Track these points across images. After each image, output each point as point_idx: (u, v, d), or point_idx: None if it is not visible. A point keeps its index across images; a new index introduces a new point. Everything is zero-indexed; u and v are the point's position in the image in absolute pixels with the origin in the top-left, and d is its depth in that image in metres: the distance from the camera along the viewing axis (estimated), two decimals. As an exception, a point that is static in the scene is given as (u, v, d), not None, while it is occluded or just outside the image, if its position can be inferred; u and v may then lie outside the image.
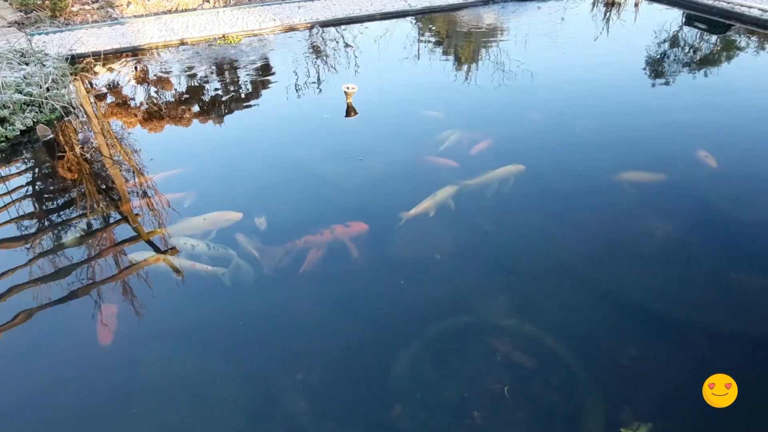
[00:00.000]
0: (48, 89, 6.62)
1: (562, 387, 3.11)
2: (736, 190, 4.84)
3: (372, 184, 5.15)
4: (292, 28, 9.60)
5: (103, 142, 6.14)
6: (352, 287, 3.98)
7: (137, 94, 7.44)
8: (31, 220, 4.80)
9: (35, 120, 6.26)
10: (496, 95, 7.03)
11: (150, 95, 7.43)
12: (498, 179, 4.97)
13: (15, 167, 5.68)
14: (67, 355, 3.51)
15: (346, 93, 6.54)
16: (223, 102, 7.14)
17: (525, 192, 4.92)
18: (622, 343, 3.41)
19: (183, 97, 7.30)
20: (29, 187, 5.33)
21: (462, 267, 4.11)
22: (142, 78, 7.89)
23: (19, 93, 6.32)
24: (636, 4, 11.15)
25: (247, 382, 3.26)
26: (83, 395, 3.22)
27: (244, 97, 7.28)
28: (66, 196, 5.17)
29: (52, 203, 5.11)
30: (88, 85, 7.71)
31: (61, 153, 5.80)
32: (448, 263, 4.13)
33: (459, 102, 6.95)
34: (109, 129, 6.51)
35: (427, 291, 3.88)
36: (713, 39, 9.06)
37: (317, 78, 7.75)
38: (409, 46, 9.01)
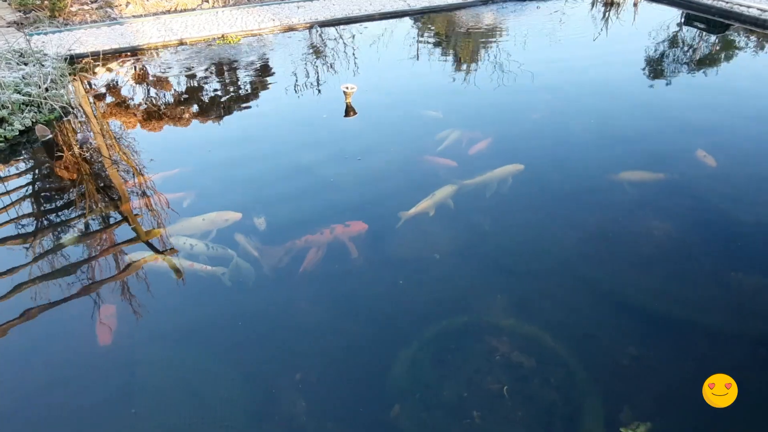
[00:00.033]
0: (47, 89, 6.62)
1: (562, 387, 3.11)
2: (735, 190, 4.85)
3: (371, 183, 5.15)
4: (291, 28, 9.60)
5: (102, 142, 6.13)
6: (352, 287, 3.98)
7: (136, 95, 7.43)
8: (29, 220, 4.80)
9: (34, 120, 6.26)
10: (495, 95, 7.03)
11: (149, 95, 7.43)
12: (497, 179, 4.97)
13: (14, 168, 5.67)
14: (66, 355, 3.50)
15: (345, 93, 6.54)
16: (222, 102, 7.13)
17: (524, 191, 4.92)
18: (622, 342, 3.41)
19: (182, 97, 7.30)
20: (28, 188, 5.32)
21: (461, 266, 4.11)
22: (141, 78, 7.88)
23: (17, 93, 6.32)
24: (635, 4, 11.16)
25: (247, 382, 3.26)
26: (82, 395, 3.22)
27: (243, 97, 7.27)
28: (65, 197, 5.16)
29: (51, 203, 5.11)
30: (87, 85, 7.70)
31: (59, 153, 5.79)
32: (447, 263, 4.13)
33: (458, 102, 6.95)
34: (108, 129, 6.50)
35: (427, 291, 3.88)
36: (712, 39, 9.06)
37: (316, 78, 7.75)
38: (408, 46, 9.01)
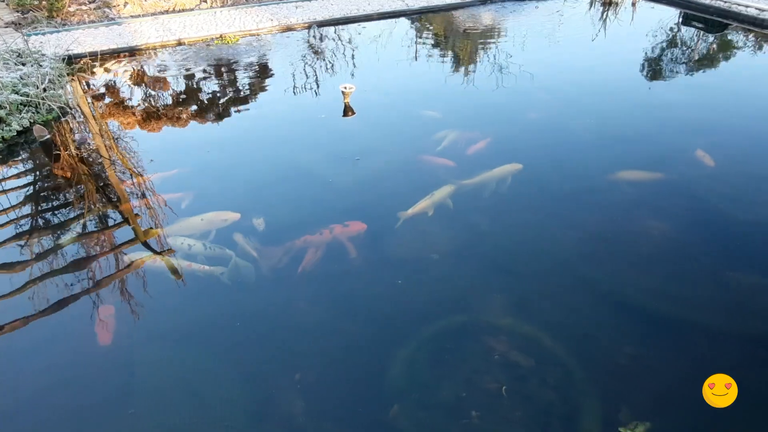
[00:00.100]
0: (45, 90, 6.61)
1: (560, 386, 3.11)
2: (734, 190, 4.85)
3: (370, 183, 5.15)
4: (289, 28, 9.59)
5: (101, 143, 6.12)
6: (351, 287, 3.98)
7: (134, 95, 7.42)
8: (27, 220, 4.79)
9: (32, 120, 6.24)
10: (493, 95, 7.03)
11: (147, 96, 7.42)
12: (495, 178, 4.97)
13: (12, 168, 5.66)
14: (65, 355, 3.50)
15: (343, 93, 6.53)
16: (221, 102, 7.13)
17: (523, 191, 4.92)
18: (620, 342, 3.41)
19: (180, 98, 7.29)
20: (26, 188, 5.31)
21: (460, 266, 4.11)
22: (139, 78, 7.87)
23: (15, 93, 6.30)
24: (633, 4, 11.16)
25: (246, 382, 3.25)
26: (82, 396, 3.22)
27: (241, 97, 7.27)
28: (63, 197, 5.15)
29: (49, 204, 5.10)
30: (85, 85, 7.68)
31: (57, 153, 5.78)
32: (446, 263, 4.13)
33: (456, 101, 6.95)
34: (106, 129, 6.49)
35: (426, 291, 3.88)
36: (710, 38, 9.07)
37: (315, 78, 7.74)
38: (407, 46, 9.01)
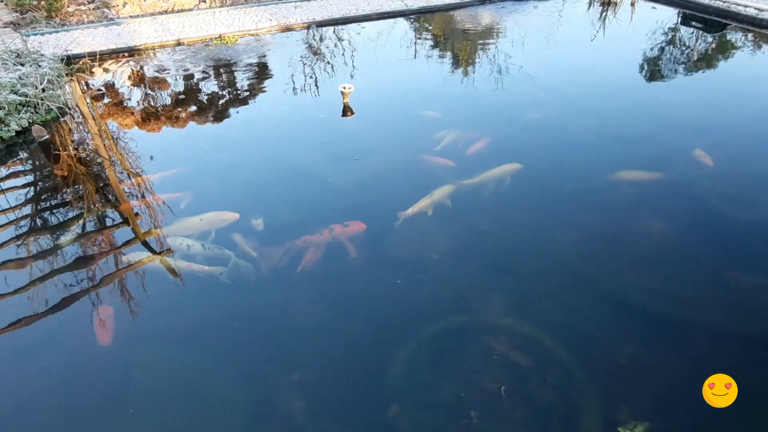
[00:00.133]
0: (43, 90, 6.60)
1: (560, 386, 3.11)
2: (733, 189, 4.86)
3: (369, 183, 5.15)
4: (288, 28, 9.59)
5: (100, 143, 6.12)
6: (351, 287, 3.98)
7: (133, 95, 7.42)
8: (26, 221, 4.78)
9: (31, 121, 6.23)
10: (492, 95, 7.03)
11: (146, 96, 7.41)
12: (495, 178, 4.97)
13: (10, 168, 5.65)
14: (64, 356, 3.49)
15: (342, 93, 6.53)
16: (220, 102, 7.12)
17: (522, 191, 4.92)
18: (620, 342, 3.41)
19: (179, 98, 7.28)
20: (25, 189, 5.30)
21: (459, 266, 4.11)
22: (138, 78, 7.86)
23: (14, 94, 6.30)
24: (632, 4, 11.17)
25: (246, 383, 3.25)
26: (81, 396, 3.22)
27: (240, 97, 7.26)
28: (62, 197, 5.15)
29: (48, 204, 5.09)
30: (84, 85, 7.68)
31: (56, 154, 5.78)
32: (445, 263, 4.13)
33: (456, 101, 6.95)
34: (105, 129, 6.49)
35: (425, 291, 3.88)
36: (709, 38, 9.08)
37: (314, 78, 7.74)
38: (406, 45, 9.01)
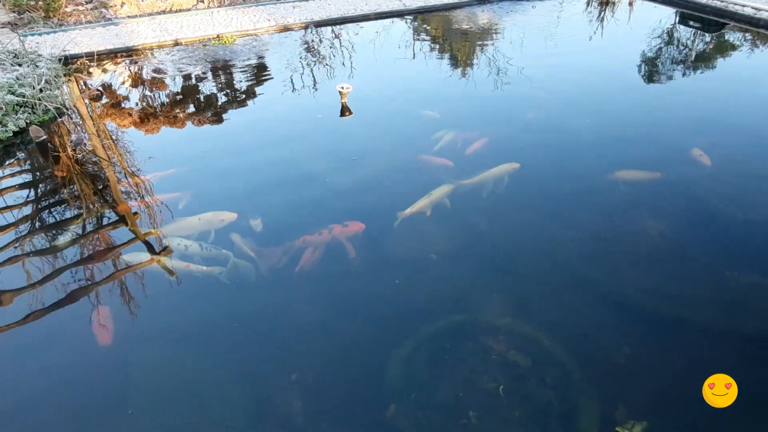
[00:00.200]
0: (41, 90, 6.58)
1: (558, 386, 3.11)
2: (731, 189, 4.86)
3: (368, 183, 5.14)
4: (286, 28, 9.58)
5: (97, 143, 6.10)
6: (350, 287, 3.98)
7: (131, 95, 7.40)
8: (24, 221, 4.77)
9: (28, 121, 6.22)
10: (491, 94, 7.03)
11: (144, 96, 7.40)
12: (493, 178, 4.97)
13: (8, 169, 5.64)
14: (63, 356, 3.49)
15: (340, 93, 6.52)
16: (217, 102, 7.11)
17: (521, 191, 4.92)
18: (618, 341, 3.41)
19: (177, 98, 7.27)
20: (22, 189, 5.29)
21: (458, 266, 4.11)
22: (136, 79, 7.85)
23: (11, 94, 6.28)
24: (630, 3, 11.18)
25: (245, 382, 3.25)
26: (81, 396, 3.21)
27: (238, 97, 7.25)
28: (59, 198, 5.14)
29: (45, 205, 5.08)
30: (82, 85, 7.66)
31: (54, 154, 5.77)
32: (444, 263, 4.13)
33: (454, 101, 6.95)
34: (102, 130, 6.47)
35: (424, 290, 3.88)
36: (707, 38, 9.09)
37: (312, 78, 7.73)
38: (404, 45, 9.01)
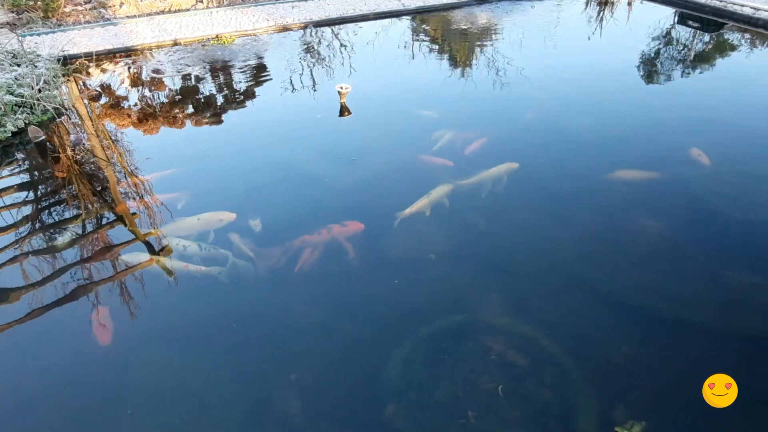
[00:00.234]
0: (40, 90, 6.58)
1: (557, 386, 3.11)
2: (729, 188, 4.87)
3: (367, 183, 5.14)
4: (285, 28, 9.58)
5: (96, 144, 6.10)
6: (349, 287, 3.98)
7: (130, 95, 7.40)
8: (22, 222, 4.77)
9: (27, 122, 6.21)
10: (490, 94, 7.03)
11: (143, 96, 7.39)
12: (492, 178, 4.97)
13: (6, 169, 5.63)
14: (62, 356, 3.48)
15: (339, 93, 6.52)
16: (216, 102, 7.11)
17: (520, 191, 4.92)
18: (617, 341, 3.41)
19: (176, 98, 7.27)
20: (21, 190, 5.29)
21: (457, 266, 4.11)
22: (135, 79, 7.85)
23: (10, 94, 6.27)
24: (629, 3, 11.19)
25: (244, 382, 3.25)
26: (80, 396, 3.21)
27: (237, 97, 7.25)
28: (58, 198, 5.13)
29: (44, 205, 5.07)
30: (81, 85, 7.66)
31: (53, 154, 5.76)
32: (443, 263, 4.13)
33: (453, 101, 6.95)
34: (101, 130, 6.47)
35: (423, 290, 3.88)
36: (706, 37, 9.10)
37: (311, 78, 7.73)
38: (403, 45, 9.01)
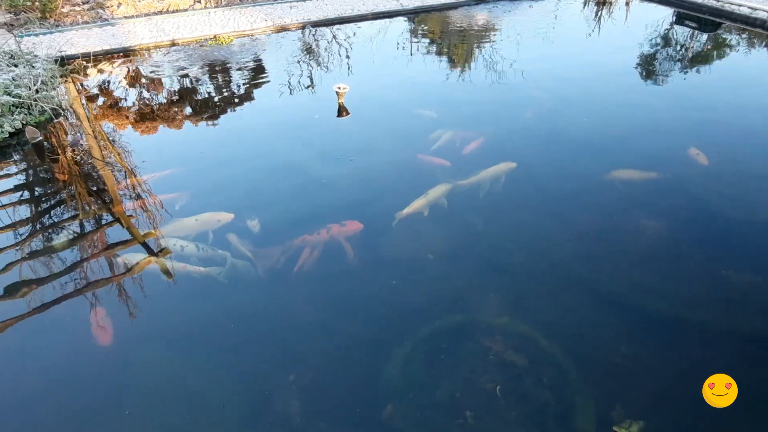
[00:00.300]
0: (37, 91, 6.56)
1: (555, 385, 3.11)
2: (728, 188, 4.87)
3: (365, 183, 5.14)
4: (283, 29, 9.57)
5: (94, 144, 6.09)
6: (348, 287, 3.97)
7: (128, 96, 7.39)
8: (20, 223, 4.76)
9: (24, 122, 6.20)
10: (488, 94, 7.03)
11: (141, 96, 7.38)
12: (490, 177, 4.98)
13: (4, 170, 5.62)
14: (62, 356, 3.48)
15: (337, 93, 6.52)
16: (215, 103, 7.10)
17: (518, 191, 4.93)
18: (616, 341, 3.41)
19: (174, 98, 7.26)
20: (18, 190, 5.27)
21: (455, 266, 4.11)
22: (132, 79, 7.84)
23: (7, 95, 6.26)
24: (627, 3, 11.20)
25: (244, 383, 3.25)
26: (80, 396, 3.21)
27: (235, 97, 7.24)
28: (56, 199, 5.12)
29: (42, 206, 5.06)
30: (79, 86, 7.64)
31: (50, 155, 5.75)
32: (441, 263, 4.13)
33: (451, 101, 6.95)
34: (99, 130, 6.46)
35: (422, 290, 3.87)
36: (704, 37, 9.11)
37: (309, 78, 7.73)
38: (402, 45, 9.01)
